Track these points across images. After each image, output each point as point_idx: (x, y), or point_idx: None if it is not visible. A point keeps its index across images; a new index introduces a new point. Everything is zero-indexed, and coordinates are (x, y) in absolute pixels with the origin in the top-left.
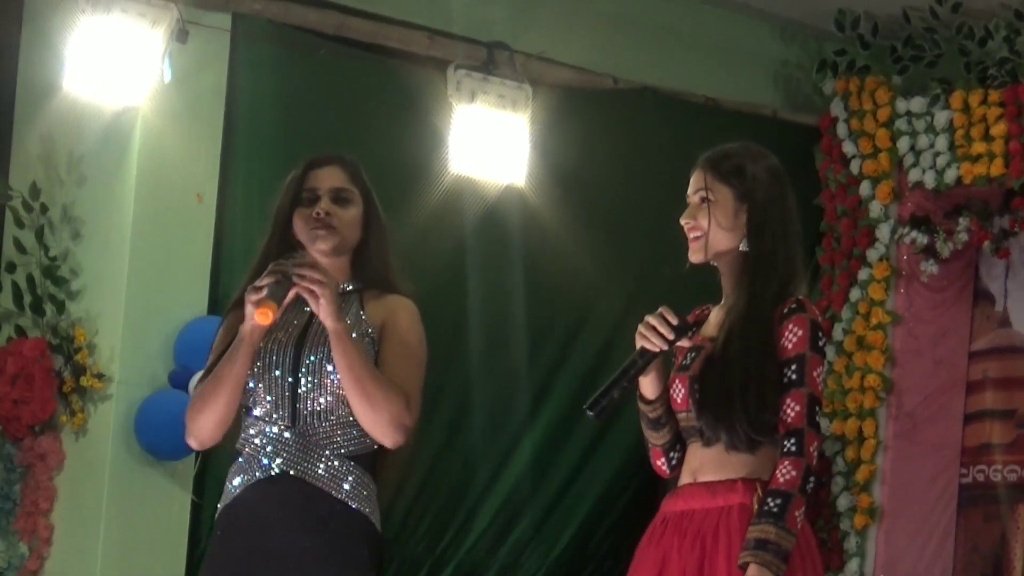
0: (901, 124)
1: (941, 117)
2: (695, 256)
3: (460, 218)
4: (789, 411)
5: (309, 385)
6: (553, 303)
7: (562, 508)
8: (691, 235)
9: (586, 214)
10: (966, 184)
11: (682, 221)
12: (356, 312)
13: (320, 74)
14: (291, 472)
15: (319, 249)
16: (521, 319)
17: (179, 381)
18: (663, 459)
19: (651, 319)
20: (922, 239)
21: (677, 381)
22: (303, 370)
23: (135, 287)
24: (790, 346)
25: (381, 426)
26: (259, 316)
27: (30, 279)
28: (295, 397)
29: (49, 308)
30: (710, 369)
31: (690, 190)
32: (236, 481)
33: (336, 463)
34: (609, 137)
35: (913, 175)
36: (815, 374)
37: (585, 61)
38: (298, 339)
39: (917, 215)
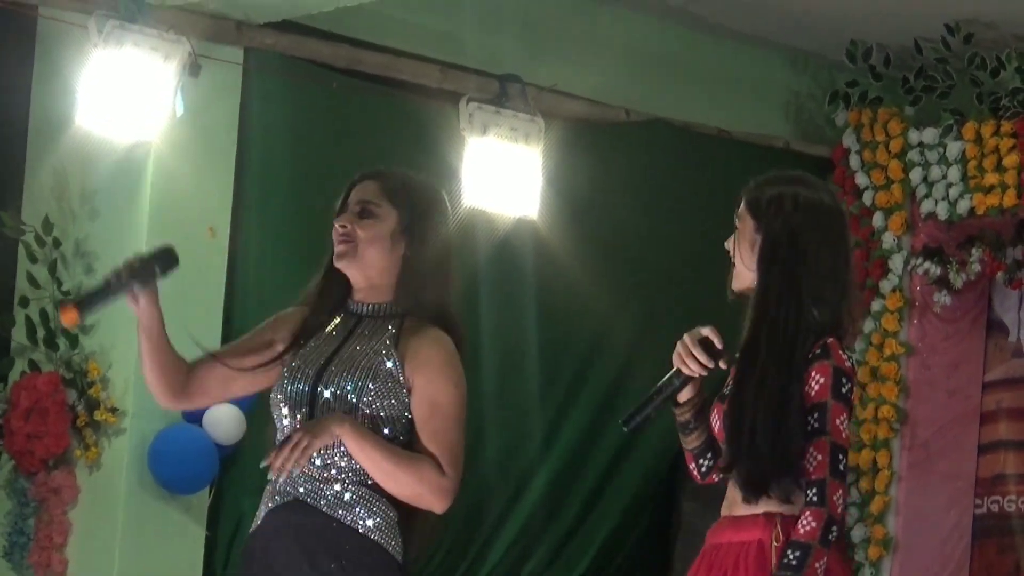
0: (913, 155)
1: (953, 148)
2: (730, 283)
3: (473, 251)
4: (812, 460)
5: (324, 416)
6: (566, 335)
7: (577, 538)
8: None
9: (599, 246)
10: (979, 215)
11: (726, 244)
12: (389, 344)
13: (332, 107)
14: (306, 500)
15: (338, 265)
16: (534, 351)
17: (192, 415)
18: (694, 464)
19: (692, 346)
20: (935, 270)
21: (716, 410)
22: (320, 399)
23: None
24: (813, 393)
25: (423, 499)
26: (64, 319)
27: (43, 313)
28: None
29: (63, 342)
30: (729, 418)
31: None
32: (261, 506)
33: (352, 491)
34: (622, 169)
35: (926, 206)
36: (838, 422)
37: (597, 94)
38: (319, 368)
39: (930, 246)
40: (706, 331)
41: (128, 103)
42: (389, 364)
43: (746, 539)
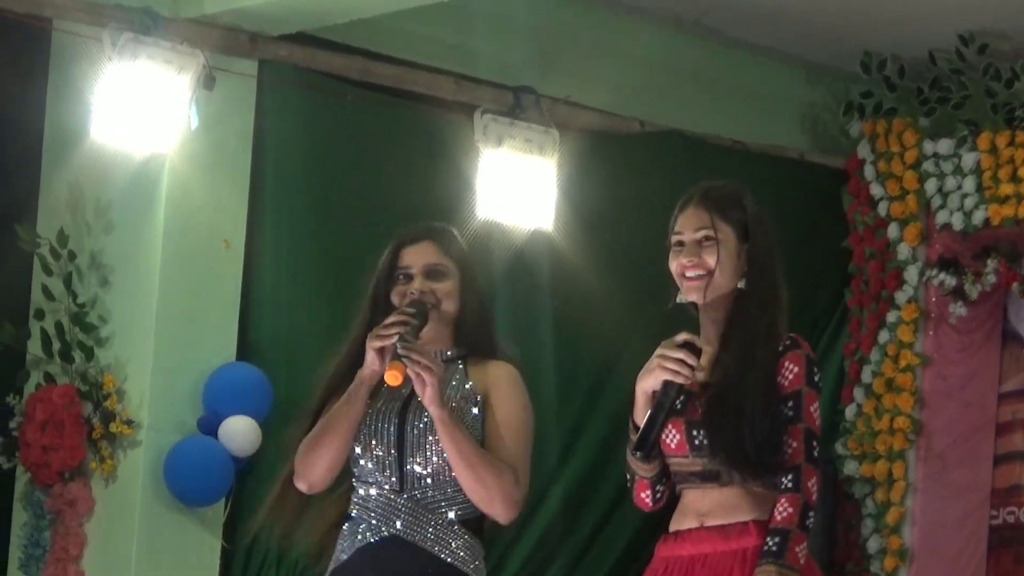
0: (928, 166)
1: (968, 159)
2: (696, 296)
3: (488, 263)
4: (787, 448)
5: (416, 451)
6: (581, 348)
7: (594, 551)
8: (691, 274)
9: (614, 258)
10: (994, 226)
11: (683, 260)
12: (462, 380)
13: (346, 119)
14: (401, 536)
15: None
16: (550, 364)
17: (208, 427)
18: (648, 491)
19: (674, 352)
20: (950, 281)
21: (671, 426)
22: (409, 436)
23: (163, 333)
24: (786, 383)
25: (494, 504)
26: (389, 377)
27: (59, 326)
28: (402, 463)
29: (78, 355)
30: (718, 413)
31: (687, 228)
32: (347, 544)
33: (445, 527)
34: (636, 181)
35: (941, 217)
36: (811, 409)
37: (612, 105)
38: (403, 404)
39: (945, 257)
40: (683, 336)
41: (142, 116)
42: (467, 386)
43: (737, 547)
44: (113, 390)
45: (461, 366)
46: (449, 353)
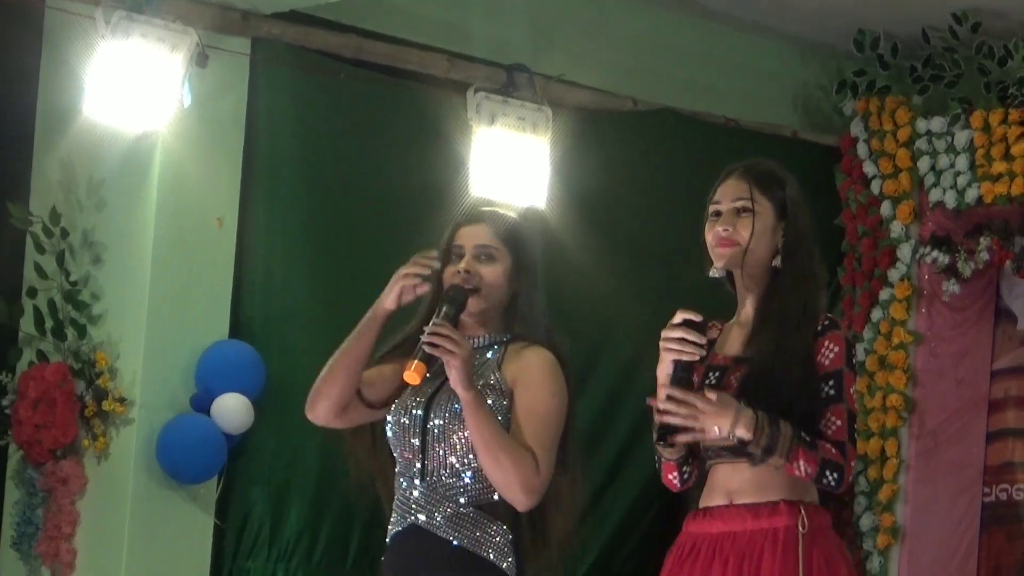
0: (921, 144)
1: (961, 137)
2: (728, 263)
3: None
4: (831, 424)
5: (437, 443)
6: (574, 326)
7: (586, 528)
8: (723, 242)
9: (607, 236)
10: (987, 203)
11: (718, 229)
12: (494, 367)
13: (340, 97)
14: (418, 524)
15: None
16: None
17: (200, 405)
18: (676, 472)
19: (676, 332)
20: (943, 259)
21: None
22: (431, 428)
23: (156, 311)
24: (827, 362)
25: (511, 490)
26: (408, 376)
27: (51, 304)
28: (424, 452)
29: (70, 332)
30: (754, 389)
31: (725, 197)
32: (390, 529)
33: (460, 512)
34: (629, 159)
35: (934, 195)
36: (851, 391)
37: (605, 83)
38: (430, 396)
39: (938, 235)
40: (679, 315)
41: (135, 94)
42: (492, 380)
43: (767, 526)
44: (106, 368)
45: (499, 352)
46: (483, 339)
